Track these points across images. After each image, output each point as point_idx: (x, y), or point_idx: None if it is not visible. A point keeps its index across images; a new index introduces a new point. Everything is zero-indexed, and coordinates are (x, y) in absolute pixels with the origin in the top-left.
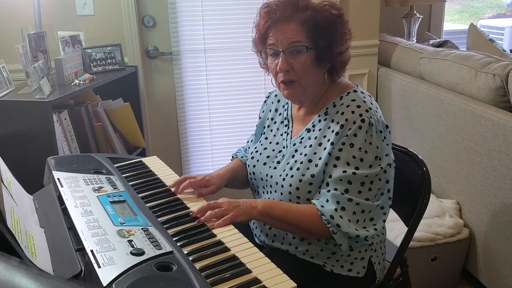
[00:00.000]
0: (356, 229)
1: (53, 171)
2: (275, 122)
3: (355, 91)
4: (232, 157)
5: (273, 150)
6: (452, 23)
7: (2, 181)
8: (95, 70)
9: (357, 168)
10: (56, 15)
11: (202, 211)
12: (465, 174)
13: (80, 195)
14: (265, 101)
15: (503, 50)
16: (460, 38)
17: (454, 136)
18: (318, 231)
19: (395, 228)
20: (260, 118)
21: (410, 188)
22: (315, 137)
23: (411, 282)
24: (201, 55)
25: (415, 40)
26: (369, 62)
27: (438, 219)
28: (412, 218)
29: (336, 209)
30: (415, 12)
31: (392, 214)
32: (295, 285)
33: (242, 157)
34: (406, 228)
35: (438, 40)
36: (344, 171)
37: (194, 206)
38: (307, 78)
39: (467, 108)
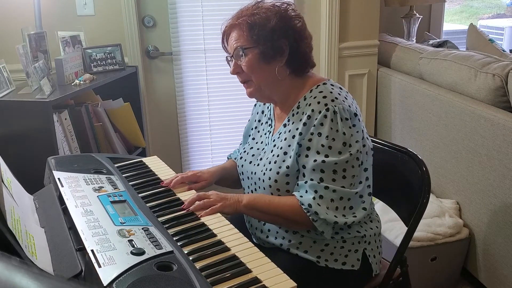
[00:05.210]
0: (335, 216)
1: (53, 171)
2: (262, 124)
3: (324, 83)
4: (228, 158)
5: (258, 149)
6: (452, 23)
7: (2, 180)
8: (95, 70)
9: (326, 156)
10: (56, 15)
11: (191, 202)
12: (465, 174)
13: (81, 195)
14: (255, 105)
15: (503, 50)
16: (459, 38)
17: (453, 136)
18: (300, 220)
19: (395, 228)
20: (249, 121)
21: (410, 188)
22: (289, 130)
23: (411, 282)
24: (201, 55)
25: (414, 40)
26: (369, 62)
27: (438, 219)
28: (411, 218)
29: (314, 198)
30: (414, 12)
31: (392, 214)
32: (295, 284)
33: (235, 159)
34: (406, 228)
35: (438, 40)
36: (315, 160)
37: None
38: (257, 75)
39: (467, 108)
